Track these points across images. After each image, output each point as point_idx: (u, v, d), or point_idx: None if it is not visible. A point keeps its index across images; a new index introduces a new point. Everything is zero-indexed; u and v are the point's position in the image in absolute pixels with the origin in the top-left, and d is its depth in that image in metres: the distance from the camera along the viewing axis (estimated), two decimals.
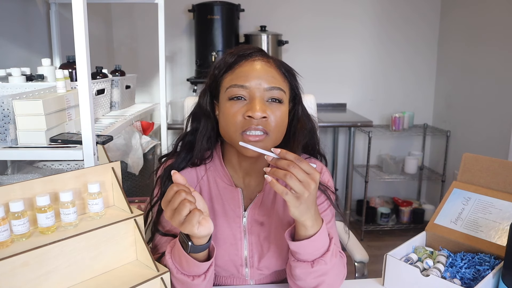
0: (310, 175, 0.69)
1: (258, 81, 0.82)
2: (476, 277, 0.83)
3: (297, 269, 0.79)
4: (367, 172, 2.82)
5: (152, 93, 2.86)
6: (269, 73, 0.83)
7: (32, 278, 0.63)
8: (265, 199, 0.91)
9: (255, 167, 0.91)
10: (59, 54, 1.81)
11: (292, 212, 0.71)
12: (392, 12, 3.01)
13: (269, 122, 0.81)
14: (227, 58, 0.86)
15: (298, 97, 0.92)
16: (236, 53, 0.86)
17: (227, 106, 0.83)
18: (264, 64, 0.84)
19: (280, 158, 0.70)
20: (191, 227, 0.67)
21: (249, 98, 0.82)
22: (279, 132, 0.84)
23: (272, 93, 0.82)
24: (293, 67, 0.91)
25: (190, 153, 0.91)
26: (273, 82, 0.83)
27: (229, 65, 0.85)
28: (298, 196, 0.69)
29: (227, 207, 0.90)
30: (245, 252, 0.89)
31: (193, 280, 0.76)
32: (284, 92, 0.85)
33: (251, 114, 0.79)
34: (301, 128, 0.90)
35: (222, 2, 2.56)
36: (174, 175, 0.70)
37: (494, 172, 0.96)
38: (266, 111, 0.80)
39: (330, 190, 0.91)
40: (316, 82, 3.00)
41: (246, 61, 0.85)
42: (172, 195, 0.67)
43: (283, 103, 0.84)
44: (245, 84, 0.82)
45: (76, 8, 0.90)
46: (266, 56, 0.87)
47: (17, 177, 1.22)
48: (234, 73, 0.84)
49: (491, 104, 2.52)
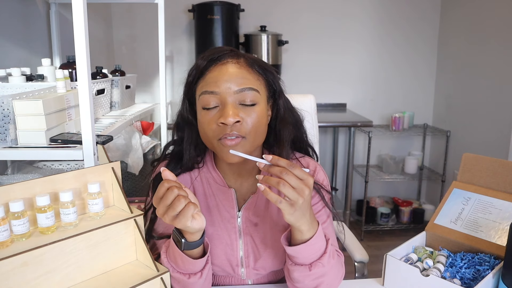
0: (303, 181, 0.68)
1: (228, 84, 0.80)
2: (476, 277, 0.83)
3: (295, 272, 0.79)
4: (367, 172, 2.82)
5: (152, 93, 2.86)
6: (238, 74, 0.81)
7: (32, 278, 0.63)
8: (259, 200, 0.91)
9: (246, 167, 0.90)
10: (59, 54, 1.81)
11: (287, 219, 0.71)
12: (392, 12, 3.01)
13: (243, 125, 0.80)
14: (198, 63, 0.85)
15: (278, 92, 0.89)
16: (207, 57, 0.84)
17: (202, 115, 0.82)
18: (234, 66, 0.82)
19: (272, 165, 0.69)
20: (185, 221, 0.67)
21: (221, 104, 0.80)
22: (256, 133, 0.82)
23: (243, 95, 0.80)
24: (293, 67, 0.90)
25: (180, 162, 0.91)
26: (243, 83, 0.80)
27: (201, 71, 0.84)
28: (292, 203, 0.68)
29: (222, 207, 0.90)
30: (241, 252, 0.90)
31: (189, 278, 0.77)
32: (258, 91, 0.82)
33: (224, 121, 0.78)
34: (285, 124, 0.89)
35: (222, 2, 2.56)
36: (164, 172, 0.70)
37: (494, 172, 0.96)
38: (238, 115, 0.79)
39: (324, 189, 0.90)
40: (316, 82, 3.00)
41: (216, 66, 0.83)
42: (164, 191, 0.67)
43: (258, 103, 0.82)
44: (215, 90, 0.80)
45: (76, 8, 0.90)
46: (236, 57, 0.84)
47: (17, 177, 1.22)
48: (204, 80, 0.83)
49: (491, 104, 2.52)
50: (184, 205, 0.66)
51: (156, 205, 0.68)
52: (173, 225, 0.68)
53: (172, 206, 0.66)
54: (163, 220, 0.68)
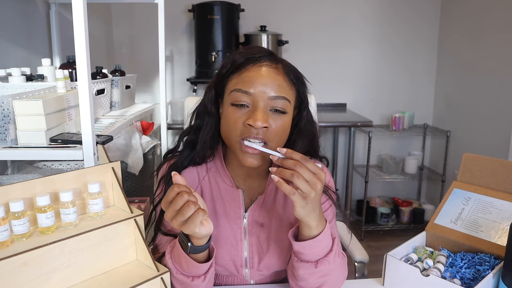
0: (316, 175, 0.69)
1: (263, 88, 0.79)
2: (476, 277, 0.83)
3: (300, 269, 0.79)
4: (367, 172, 2.83)
5: (152, 93, 2.86)
6: (275, 80, 0.81)
7: (32, 278, 0.63)
8: (266, 200, 0.91)
9: (256, 170, 0.89)
10: (59, 54, 1.80)
11: (298, 212, 0.71)
12: (392, 13, 3.01)
13: (269, 131, 0.80)
14: (235, 58, 0.84)
15: (305, 104, 0.89)
16: (245, 55, 0.83)
17: (230, 111, 0.82)
18: (272, 71, 0.81)
19: (286, 158, 0.70)
20: (193, 227, 0.66)
21: (252, 106, 0.80)
22: (279, 141, 0.82)
23: (276, 102, 0.80)
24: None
25: (193, 151, 0.90)
26: (278, 91, 0.80)
27: (237, 66, 0.83)
28: (305, 196, 0.69)
29: (228, 208, 0.90)
30: (245, 253, 0.89)
31: (192, 280, 0.76)
32: (289, 101, 0.82)
33: (252, 123, 0.78)
34: (302, 136, 0.89)
35: (222, 2, 2.56)
36: (174, 176, 0.69)
37: (494, 172, 0.96)
38: (267, 121, 0.79)
39: (331, 190, 0.91)
40: (316, 82, 2.96)
41: (254, 66, 0.82)
42: (174, 196, 0.67)
43: (287, 113, 0.82)
44: (249, 90, 0.79)
45: (76, 8, 0.90)
46: (275, 62, 0.84)
47: (17, 177, 1.22)
48: (240, 77, 0.82)
49: (491, 104, 2.52)
50: (193, 211, 0.66)
51: (165, 208, 0.68)
52: (181, 230, 0.68)
53: (181, 211, 0.66)
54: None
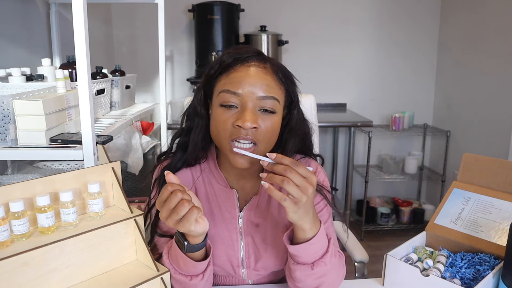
0: (307, 179, 0.68)
1: (251, 88, 0.79)
2: (476, 277, 0.83)
3: (297, 271, 0.78)
4: (367, 172, 2.82)
5: (152, 93, 2.86)
6: (264, 80, 0.80)
7: (32, 278, 0.63)
8: (261, 201, 0.90)
9: (249, 170, 0.88)
10: (59, 54, 1.80)
11: (290, 217, 0.71)
12: (392, 12, 3.00)
13: (259, 132, 0.79)
14: (223, 59, 0.84)
15: (295, 103, 0.88)
16: (233, 55, 0.83)
17: (218, 112, 0.81)
18: (260, 71, 0.81)
19: (276, 163, 0.69)
20: (188, 225, 0.66)
21: (240, 106, 0.79)
22: (268, 142, 0.82)
23: (265, 102, 0.79)
24: (293, 67, 0.89)
25: (185, 153, 0.90)
26: (267, 91, 0.79)
27: (225, 67, 0.83)
28: (296, 201, 0.68)
29: (223, 208, 0.90)
30: (242, 253, 0.89)
31: (191, 280, 0.76)
32: (278, 101, 0.82)
33: (241, 124, 0.77)
34: (294, 135, 0.88)
35: (222, 2, 2.56)
36: (168, 175, 0.69)
37: (494, 172, 0.96)
38: (257, 121, 0.78)
39: (325, 189, 0.90)
40: (316, 82, 3.00)
41: (242, 66, 0.81)
42: (167, 195, 0.67)
43: (276, 113, 0.81)
44: (237, 91, 0.79)
45: (76, 8, 0.90)
46: (263, 61, 0.83)
47: (17, 177, 1.22)
48: (228, 77, 0.82)
49: (491, 104, 2.52)
50: (187, 210, 0.66)
51: (159, 208, 0.68)
52: (177, 228, 0.68)
53: (176, 210, 0.66)
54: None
